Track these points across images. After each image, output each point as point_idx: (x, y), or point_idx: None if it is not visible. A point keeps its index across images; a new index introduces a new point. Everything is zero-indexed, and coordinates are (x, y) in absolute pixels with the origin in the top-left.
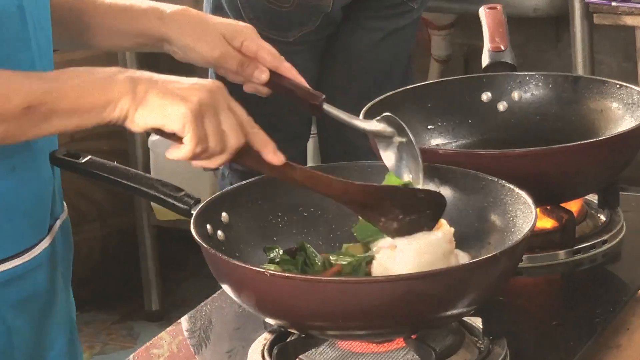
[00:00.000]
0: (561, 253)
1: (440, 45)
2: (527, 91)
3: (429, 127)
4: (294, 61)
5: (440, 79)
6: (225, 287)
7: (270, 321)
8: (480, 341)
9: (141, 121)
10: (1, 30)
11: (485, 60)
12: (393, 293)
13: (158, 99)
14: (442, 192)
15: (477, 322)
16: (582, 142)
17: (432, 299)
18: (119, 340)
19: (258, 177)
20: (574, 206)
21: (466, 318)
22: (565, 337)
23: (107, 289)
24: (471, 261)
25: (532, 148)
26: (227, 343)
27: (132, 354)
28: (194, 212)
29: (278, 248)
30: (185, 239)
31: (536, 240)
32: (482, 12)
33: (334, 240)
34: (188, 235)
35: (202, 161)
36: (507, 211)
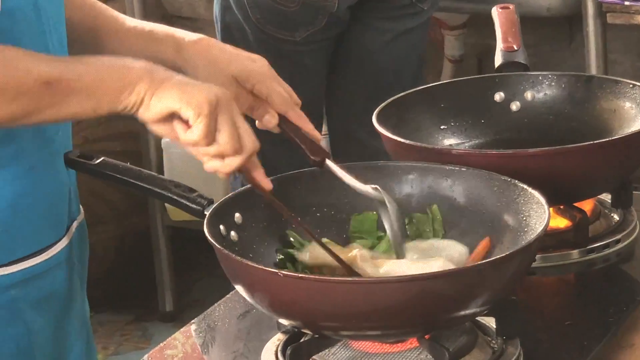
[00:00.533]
0: (574, 253)
1: (453, 45)
2: (540, 91)
3: (442, 127)
4: (304, 61)
5: (453, 79)
6: (238, 288)
7: (283, 321)
8: (493, 341)
9: (157, 106)
10: (18, 27)
11: (498, 60)
12: (406, 293)
13: (176, 86)
14: (455, 192)
15: (491, 322)
16: (595, 142)
17: (446, 299)
18: (133, 340)
19: (271, 178)
20: (587, 206)
21: (479, 318)
22: (578, 337)
23: (121, 290)
24: (485, 261)
25: (545, 148)
26: (240, 343)
27: (146, 355)
28: (207, 213)
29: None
30: (199, 240)
31: (549, 239)
32: (495, 12)
33: (348, 240)
34: (202, 235)
35: (216, 164)
36: (520, 211)
